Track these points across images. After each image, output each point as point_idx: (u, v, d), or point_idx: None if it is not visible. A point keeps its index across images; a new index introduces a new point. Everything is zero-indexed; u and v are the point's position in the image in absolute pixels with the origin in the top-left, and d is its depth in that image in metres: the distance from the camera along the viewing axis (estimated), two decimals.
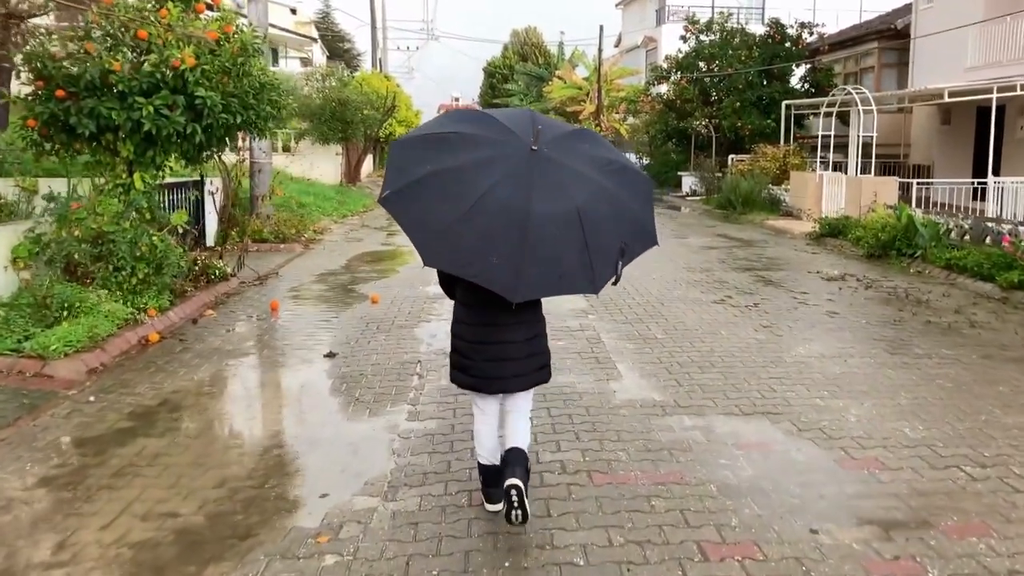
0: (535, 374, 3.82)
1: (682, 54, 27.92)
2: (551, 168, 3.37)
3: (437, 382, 6.18)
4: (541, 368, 3.85)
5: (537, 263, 3.21)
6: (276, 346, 7.38)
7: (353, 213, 19.96)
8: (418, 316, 8.52)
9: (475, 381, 3.78)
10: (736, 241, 15.09)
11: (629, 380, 6.18)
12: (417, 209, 3.34)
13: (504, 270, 3.18)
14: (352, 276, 11.12)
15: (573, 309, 8.70)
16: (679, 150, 30.93)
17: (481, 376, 3.74)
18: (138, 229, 8.23)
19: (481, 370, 3.73)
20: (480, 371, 3.73)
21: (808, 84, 26.86)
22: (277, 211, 16.02)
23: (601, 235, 3.31)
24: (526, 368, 3.76)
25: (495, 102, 54.82)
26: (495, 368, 3.71)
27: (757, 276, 11.02)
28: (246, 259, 11.36)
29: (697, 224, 18.22)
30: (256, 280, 10.62)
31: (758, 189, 20.25)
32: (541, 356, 3.84)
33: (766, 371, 6.40)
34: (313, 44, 46.66)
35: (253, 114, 8.94)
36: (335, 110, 23.58)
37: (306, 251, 13.61)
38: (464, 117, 3.68)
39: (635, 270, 11.18)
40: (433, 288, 9.93)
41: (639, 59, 45.52)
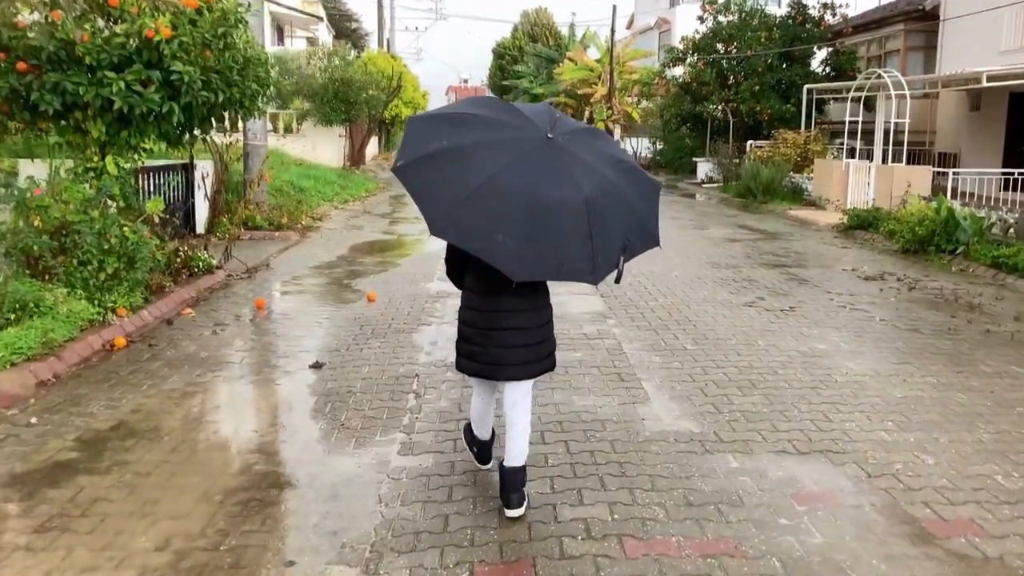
0: (543, 361, 3.82)
1: (699, 35, 26.88)
2: (564, 157, 3.44)
3: (436, 403, 5.35)
4: (549, 355, 3.86)
5: (541, 246, 3.28)
6: (256, 353, 6.55)
7: (355, 198, 19.10)
8: (417, 318, 7.68)
9: (483, 368, 3.77)
10: (759, 233, 14.19)
11: (658, 404, 5.33)
12: (428, 181, 3.41)
13: (508, 248, 3.23)
14: (348, 269, 10.28)
15: (590, 313, 7.86)
16: (693, 135, 29.91)
17: (490, 362, 3.73)
18: (108, 219, 7.40)
19: (490, 356, 3.71)
20: (489, 358, 3.72)
21: (829, 68, 25.79)
22: (273, 197, 15.19)
23: (606, 228, 3.37)
24: (535, 355, 3.76)
25: (504, 84, 53.75)
26: (505, 354, 3.70)
27: (788, 274, 10.13)
28: (234, 249, 10.52)
29: (716, 214, 17.31)
30: (244, 273, 9.79)
31: (779, 177, 19.32)
32: (549, 343, 3.86)
33: (816, 393, 5.54)
34: (319, 23, 45.61)
35: (237, 92, 8.08)
36: (338, 90, 22.68)
37: (302, 240, 12.77)
38: (485, 102, 3.77)
39: (655, 266, 10.38)
40: (435, 285, 9.10)
41: (652, 41, 44.39)
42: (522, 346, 3.71)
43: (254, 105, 8.88)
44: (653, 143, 32.33)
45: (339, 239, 12.92)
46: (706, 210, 18.11)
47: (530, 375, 3.79)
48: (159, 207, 8.03)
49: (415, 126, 3.64)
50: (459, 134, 3.49)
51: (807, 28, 25.40)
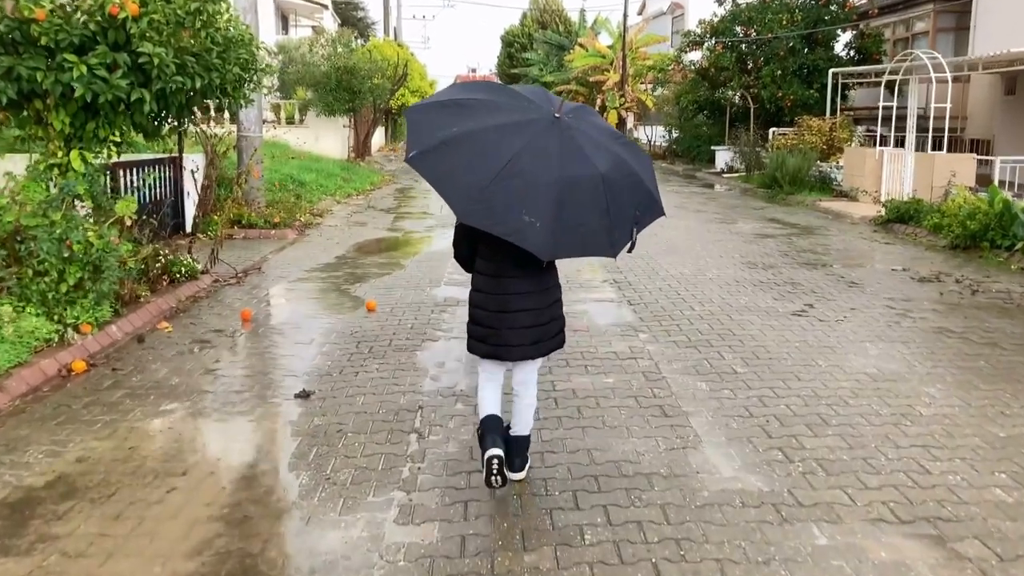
0: (553, 340, 3.88)
1: (717, 18, 25.79)
2: (574, 135, 3.49)
3: (443, 447, 4.44)
4: (558, 333, 3.92)
5: (565, 225, 3.34)
6: (236, 378, 5.65)
7: (359, 192, 18.17)
8: (422, 332, 6.76)
9: (496, 349, 3.79)
10: (792, 227, 13.19)
11: (713, 448, 4.39)
12: (447, 168, 3.42)
13: (536, 230, 3.27)
14: (347, 272, 9.36)
15: (619, 325, 6.92)
16: (711, 123, 28.83)
17: (502, 344, 3.76)
18: (70, 222, 6.51)
19: (503, 338, 3.75)
20: (501, 339, 3.75)
21: (854, 51, 24.65)
22: (271, 192, 14.29)
23: (620, 202, 3.48)
24: (545, 335, 3.81)
25: (513, 72, 52.67)
26: (516, 335, 3.74)
27: (833, 275, 9.15)
28: (225, 250, 9.62)
29: (742, 206, 16.30)
30: (233, 278, 8.88)
31: (807, 166, 18.27)
32: (559, 321, 3.91)
33: (901, 432, 4.60)
34: (324, 11, 44.69)
35: (217, 77, 7.16)
36: (341, 79, 21.74)
37: (300, 238, 11.86)
38: (481, 87, 3.81)
39: (686, 267, 9.42)
40: (442, 291, 8.18)
41: (664, 26, 43.27)
42: (532, 326, 3.75)
43: (239, 92, 7.97)
44: (669, 131, 31.23)
45: (340, 237, 12.01)
46: (730, 202, 17.11)
47: (541, 354, 3.87)
48: (131, 208, 7.12)
49: (417, 115, 3.63)
50: (468, 119, 3.47)
51: (831, 10, 24.28)
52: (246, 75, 7.61)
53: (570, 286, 8.42)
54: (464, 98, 3.63)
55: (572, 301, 7.76)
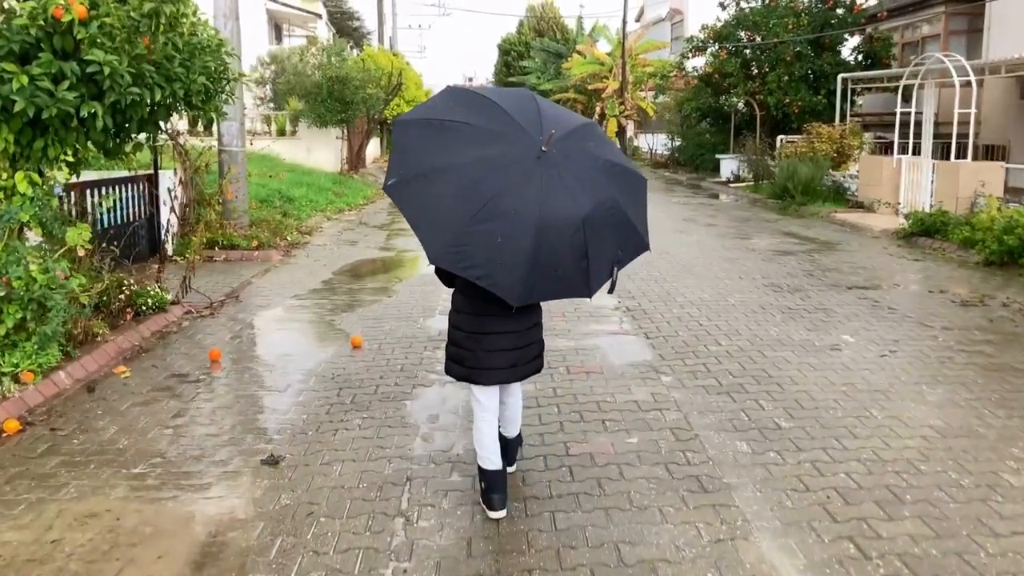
0: (531, 364, 3.83)
1: (721, 23, 25.06)
2: (560, 174, 3.34)
3: (434, 537, 3.61)
4: (536, 357, 3.88)
5: (539, 268, 3.25)
6: (195, 439, 4.82)
7: (351, 207, 17.36)
8: (413, 375, 5.94)
9: (471, 372, 3.75)
10: (810, 242, 12.38)
11: (769, 540, 3.56)
12: (423, 205, 3.33)
13: (508, 274, 3.20)
14: (333, 300, 8.55)
15: (637, 365, 6.10)
16: (714, 130, 28.09)
17: (478, 367, 3.72)
18: (11, 254, 5.70)
19: (479, 360, 3.71)
20: (478, 361, 3.71)
21: (862, 56, 23.90)
22: (256, 209, 13.49)
23: (601, 243, 3.37)
24: (522, 358, 3.76)
25: (510, 80, 52.01)
26: (493, 358, 3.70)
27: (866, 299, 8.34)
28: (203, 275, 8.82)
29: (753, 218, 15.50)
30: (207, 308, 8.07)
31: (819, 175, 17.49)
32: (537, 345, 3.87)
33: (993, 513, 3.77)
34: (318, 20, 44.08)
35: (181, 88, 6.34)
36: (333, 89, 20.93)
37: (286, 259, 11.04)
38: (468, 100, 3.58)
39: (706, 291, 8.55)
40: (437, 322, 7.36)
41: (663, 33, 42.61)
42: (510, 349, 3.72)
43: (211, 104, 7.16)
44: (671, 139, 30.45)
45: (328, 258, 11.19)
46: (741, 214, 16.30)
47: (518, 378, 3.83)
48: (83, 237, 6.29)
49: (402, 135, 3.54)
50: (451, 150, 3.35)
51: (838, 13, 23.55)
52: (215, 86, 6.79)
53: (579, 315, 7.61)
54: (453, 120, 3.44)
55: (582, 334, 6.95)
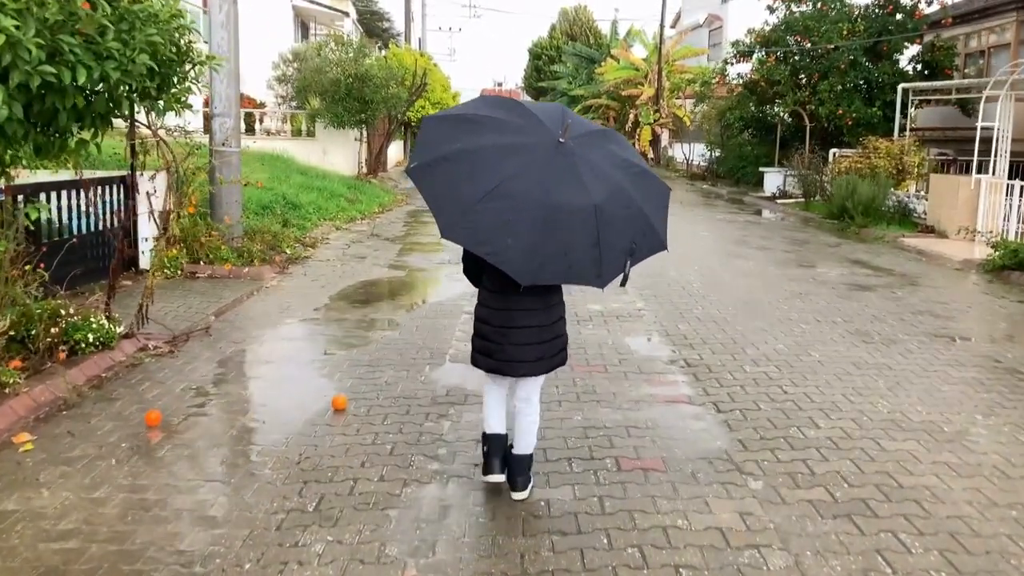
0: (556, 357, 3.88)
1: (769, 27, 23.37)
2: (575, 162, 3.45)
3: None
4: (561, 351, 3.92)
5: (550, 251, 3.33)
6: (95, 558, 3.30)
7: (364, 216, 15.88)
8: (407, 463, 4.39)
9: (500, 364, 3.80)
10: (885, 274, 10.68)
11: None
12: (441, 184, 3.45)
13: (517, 253, 3.28)
14: (323, 335, 7.03)
15: (711, 457, 4.48)
16: (756, 141, 26.35)
17: (506, 359, 3.78)
18: None
19: (506, 353, 3.76)
20: (505, 354, 3.77)
21: (922, 65, 22.08)
22: (255, 217, 12.04)
23: (614, 233, 3.41)
24: (548, 351, 3.82)
25: (540, 85, 50.63)
26: (519, 351, 3.75)
27: (983, 357, 6.67)
28: (172, 300, 7.35)
29: (812, 241, 13.79)
30: (167, 343, 6.59)
31: (882, 195, 15.76)
32: (561, 339, 3.92)
33: None
34: (345, 19, 42.88)
35: (115, 69, 4.83)
36: (351, 87, 19.52)
37: (280, 277, 9.56)
38: (498, 103, 3.74)
39: (779, 339, 6.62)
40: (446, 373, 5.82)
41: (700, 40, 40.93)
42: (536, 343, 3.76)
43: (168, 94, 5.67)
44: (710, 149, 28.72)
45: (328, 277, 9.69)
46: (795, 235, 14.59)
47: (543, 371, 3.86)
48: None
49: (429, 126, 3.66)
50: (472, 137, 3.49)
51: (896, 19, 21.77)
52: (169, 68, 5.29)
53: (626, 371, 6.03)
54: (479, 114, 3.61)
55: (632, 402, 5.36)
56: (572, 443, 4.65)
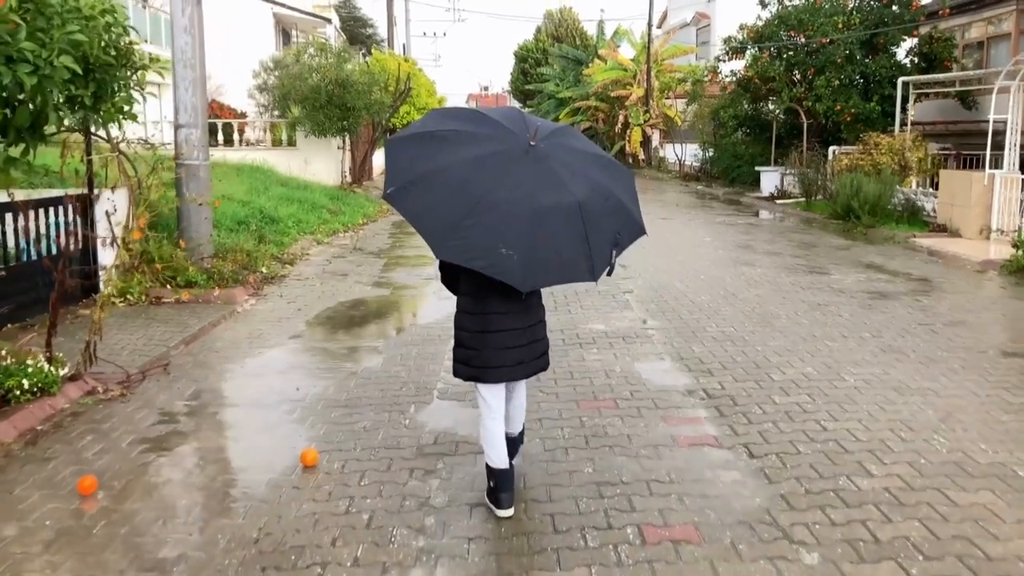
0: (537, 361, 3.88)
1: (762, 22, 22.72)
2: (550, 163, 3.49)
3: None
4: (543, 355, 3.92)
5: (543, 254, 3.38)
6: None
7: (347, 227, 15.12)
8: (387, 538, 3.63)
9: (479, 372, 3.78)
10: (904, 279, 9.98)
11: None
12: (424, 204, 3.42)
13: (512, 261, 3.29)
14: (296, 369, 6.28)
15: (751, 520, 3.73)
16: (751, 140, 25.69)
17: (485, 365, 3.75)
18: None
19: (486, 359, 3.73)
20: (485, 360, 3.74)
21: (919, 58, 21.44)
22: (229, 234, 11.28)
23: (599, 227, 3.48)
24: (529, 355, 3.80)
25: (528, 88, 49.89)
26: (499, 356, 3.72)
27: None
28: (132, 330, 6.58)
29: (819, 244, 13.09)
30: (119, 384, 5.82)
31: (888, 193, 15.10)
32: (543, 343, 3.92)
33: None
34: (327, 25, 42.11)
35: (31, 73, 4.07)
36: (332, 93, 18.76)
37: (253, 300, 8.79)
38: (457, 115, 3.77)
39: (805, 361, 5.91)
40: (434, 414, 5.07)
41: (689, 39, 40.31)
42: (516, 347, 3.74)
43: (105, 102, 4.91)
44: (704, 149, 28.02)
45: (306, 298, 8.93)
46: (801, 237, 13.89)
47: (524, 375, 3.86)
48: None
49: (396, 149, 3.63)
50: (444, 153, 3.46)
51: (893, 11, 21.15)
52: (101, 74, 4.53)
53: (639, 406, 5.29)
54: (440, 130, 3.57)
55: (651, 447, 4.62)
56: (585, 506, 3.91)
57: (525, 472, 4.28)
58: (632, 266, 10.55)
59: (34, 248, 7.69)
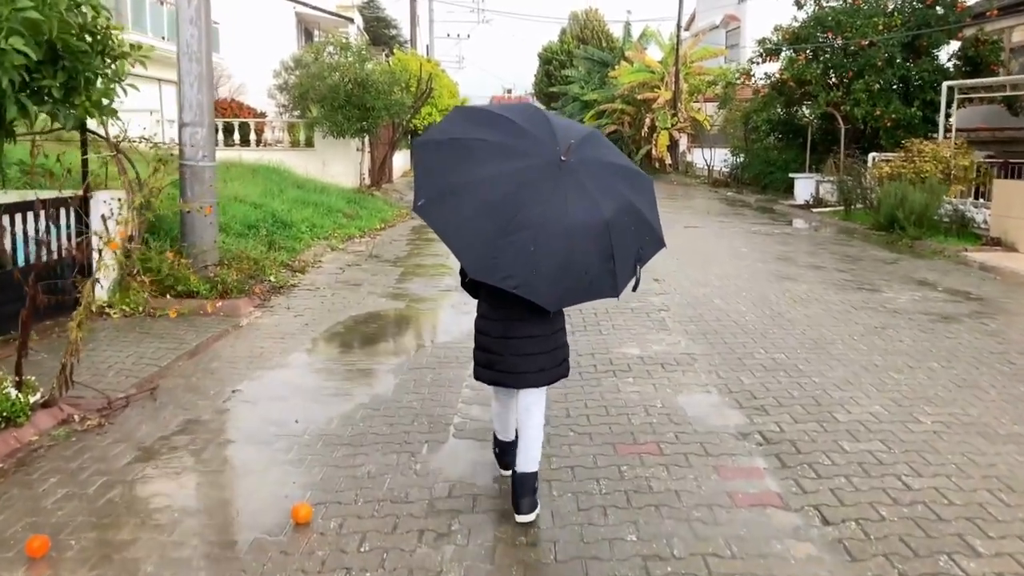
0: (558, 368, 3.82)
1: (798, 23, 21.89)
2: (581, 180, 3.44)
3: None
4: (563, 362, 3.86)
5: (571, 273, 3.34)
6: None
7: (364, 232, 14.49)
8: None
9: (501, 376, 3.75)
10: (963, 298, 9.17)
11: None
12: (456, 220, 3.37)
13: (543, 281, 3.29)
14: (296, 395, 5.62)
15: None
16: (783, 146, 24.83)
17: (507, 371, 3.72)
18: None
19: (508, 364, 3.70)
20: (507, 366, 3.70)
21: (962, 61, 20.51)
22: (238, 240, 10.67)
23: (625, 244, 3.44)
24: (550, 362, 3.75)
25: (552, 90, 49.27)
26: (522, 362, 3.68)
27: None
28: (125, 345, 5.96)
29: (864, 257, 12.27)
30: (99, 411, 5.19)
31: (936, 203, 14.24)
32: (563, 350, 3.87)
33: None
34: (350, 25, 41.66)
35: None
36: (351, 93, 18.18)
37: (258, 312, 8.17)
38: (483, 120, 3.65)
39: (873, 398, 4.98)
40: (449, 455, 4.37)
41: (717, 42, 39.50)
42: (537, 353, 3.69)
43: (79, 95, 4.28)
44: (735, 155, 27.15)
45: (315, 311, 8.29)
46: (845, 251, 13.05)
47: (546, 382, 3.78)
48: None
49: (424, 155, 3.61)
50: (476, 165, 3.42)
51: (936, 12, 20.24)
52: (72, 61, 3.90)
53: (686, 451, 4.57)
54: (469, 138, 3.51)
55: (703, 504, 3.90)
56: None
57: (557, 538, 3.60)
58: (666, 279, 9.82)
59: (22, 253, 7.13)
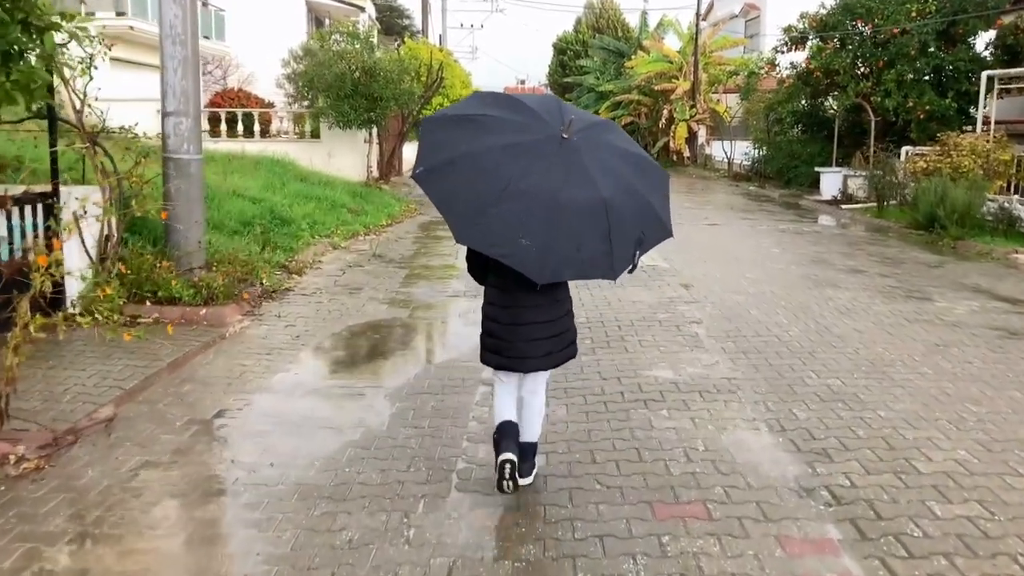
0: (565, 351, 3.88)
1: (825, 10, 20.88)
2: (581, 158, 3.44)
3: None
4: (570, 345, 3.92)
5: (562, 248, 3.32)
6: None
7: (369, 229, 13.66)
8: None
9: (509, 361, 3.80)
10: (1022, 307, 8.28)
11: None
12: (450, 188, 3.42)
13: (532, 252, 3.26)
14: (273, 434, 4.81)
15: None
16: (807, 138, 23.82)
17: (516, 356, 3.77)
18: None
19: (516, 350, 3.75)
20: (515, 351, 3.76)
21: (1000, 50, 19.45)
22: (230, 239, 9.88)
23: (623, 226, 3.41)
24: (557, 346, 3.82)
25: (566, 81, 48.26)
26: (529, 347, 3.74)
27: None
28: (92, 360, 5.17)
29: (906, 260, 11.35)
30: (40, 451, 4.41)
31: (979, 200, 13.30)
32: (570, 333, 3.91)
33: None
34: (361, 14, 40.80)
35: None
36: (358, 82, 17.35)
37: (244, 321, 7.38)
38: (495, 101, 3.71)
39: (954, 440, 4.05)
40: (450, 525, 3.48)
41: (736, 31, 38.37)
42: (544, 338, 3.75)
43: None
44: (758, 148, 26.14)
45: (308, 320, 7.49)
46: (883, 251, 12.11)
47: (553, 365, 3.88)
48: None
49: (431, 128, 3.65)
50: (477, 138, 3.46)
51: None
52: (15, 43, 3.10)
53: (740, 517, 3.73)
54: (475, 114, 3.56)
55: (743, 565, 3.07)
56: None
57: None
58: (695, 285, 8.96)
59: None
